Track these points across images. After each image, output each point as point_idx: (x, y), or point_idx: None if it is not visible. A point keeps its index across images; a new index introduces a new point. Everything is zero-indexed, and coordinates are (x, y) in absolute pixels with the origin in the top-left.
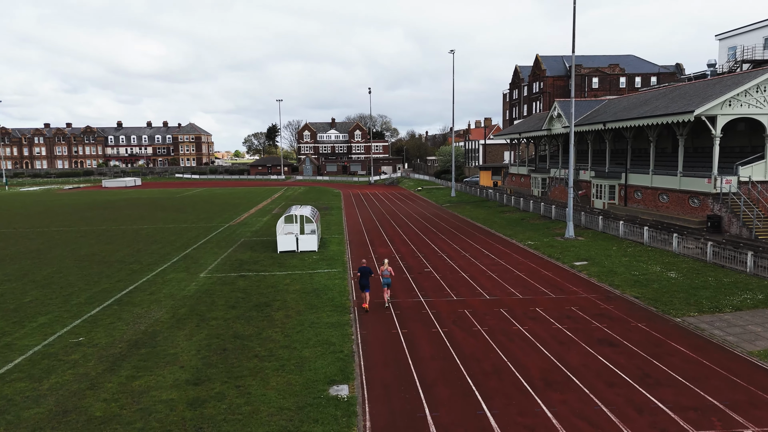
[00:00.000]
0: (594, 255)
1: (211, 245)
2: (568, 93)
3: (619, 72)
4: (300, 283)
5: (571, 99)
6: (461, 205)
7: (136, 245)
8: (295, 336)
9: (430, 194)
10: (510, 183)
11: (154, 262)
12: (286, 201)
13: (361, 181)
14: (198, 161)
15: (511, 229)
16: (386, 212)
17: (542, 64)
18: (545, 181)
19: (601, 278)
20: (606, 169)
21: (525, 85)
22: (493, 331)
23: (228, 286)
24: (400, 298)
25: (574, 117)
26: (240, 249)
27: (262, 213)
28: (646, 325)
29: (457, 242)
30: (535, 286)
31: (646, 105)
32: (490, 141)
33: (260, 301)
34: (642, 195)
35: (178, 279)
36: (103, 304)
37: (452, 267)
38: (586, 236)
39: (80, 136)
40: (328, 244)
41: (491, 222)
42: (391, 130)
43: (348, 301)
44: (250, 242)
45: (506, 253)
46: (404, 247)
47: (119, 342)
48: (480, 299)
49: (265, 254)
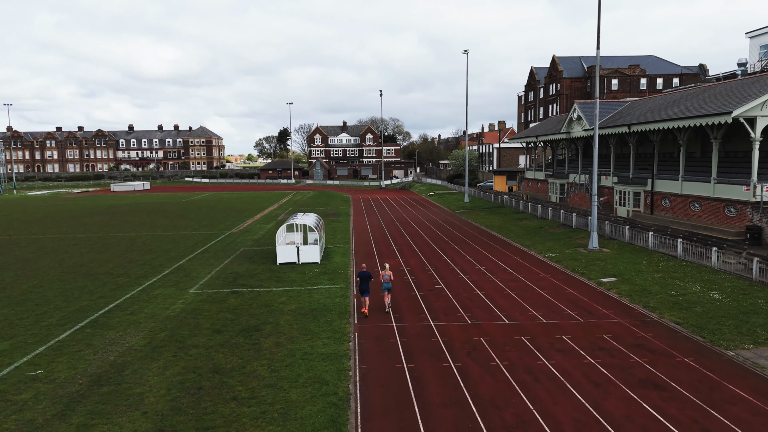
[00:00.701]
0: (623, 270)
1: (207, 255)
2: (587, 95)
3: (640, 73)
4: (297, 301)
5: (595, 99)
6: (475, 212)
7: (129, 255)
8: (284, 371)
9: (443, 199)
10: (526, 188)
11: (143, 275)
12: (294, 206)
13: (371, 185)
14: (209, 165)
15: (529, 238)
16: (396, 219)
17: (559, 65)
18: (563, 186)
19: (633, 298)
20: (630, 174)
21: (541, 87)
22: (515, 367)
23: (217, 304)
24: (407, 322)
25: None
26: (238, 260)
27: (266, 219)
28: (694, 360)
29: (471, 253)
30: (559, 308)
31: (675, 106)
32: (505, 144)
33: (250, 324)
34: (671, 203)
35: (164, 295)
36: (76, 326)
37: (466, 283)
38: (611, 248)
39: (92, 140)
40: (332, 255)
41: (507, 230)
42: (403, 134)
43: (348, 326)
44: (249, 252)
45: (525, 267)
46: (414, 259)
47: (81, 377)
48: (498, 324)
49: (263, 266)
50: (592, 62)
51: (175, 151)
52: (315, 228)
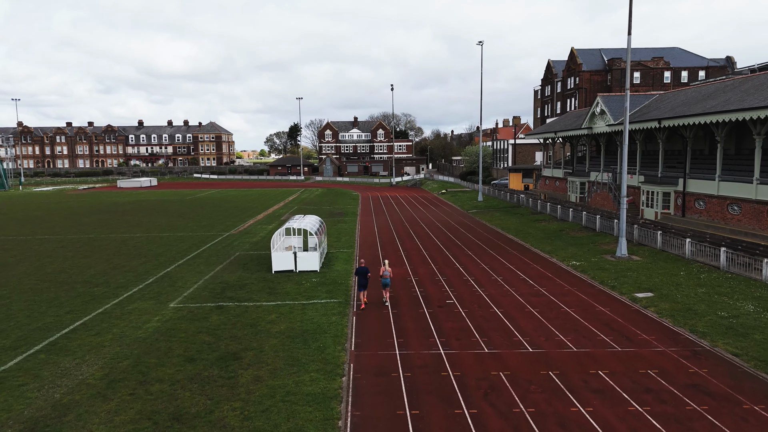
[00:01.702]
0: (659, 283)
1: (199, 261)
2: (607, 89)
3: (664, 66)
4: (288, 320)
5: (626, 91)
6: (489, 212)
7: (116, 259)
8: (258, 419)
9: (455, 198)
10: (543, 187)
11: (124, 284)
12: (300, 205)
13: (382, 182)
14: (218, 161)
15: (549, 243)
16: (406, 219)
17: (578, 58)
18: (584, 185)
19: (677, 320)
20: (659, 173)
21: (558, 81)
22: (544, 417)
23: (197, 323)
24: (413, 348)
25: (618, 114)
26: (231, 266)
27: (270, 219)
28: (766, 409)
29: (486, 260)
30: (591, 331)
31: (711, 99)
32: (521, 141)
33: (229, 349)
34: (705, 204)
35: (140, 311)
36: (30, 349)
37: (481, 297)
38: (642, 255)
39: (101, 135)
40: (333, 262)
41: (525, 234)
42: (415, 129)
43: (343, 354)
44: (244, 258)
45: (547, 277)
46: (423, 267)
47: (13, 424)
48: (520, 353)
49: (257, 274)
50: (612, 55)
51: (185, 146)
52: (315, 232)
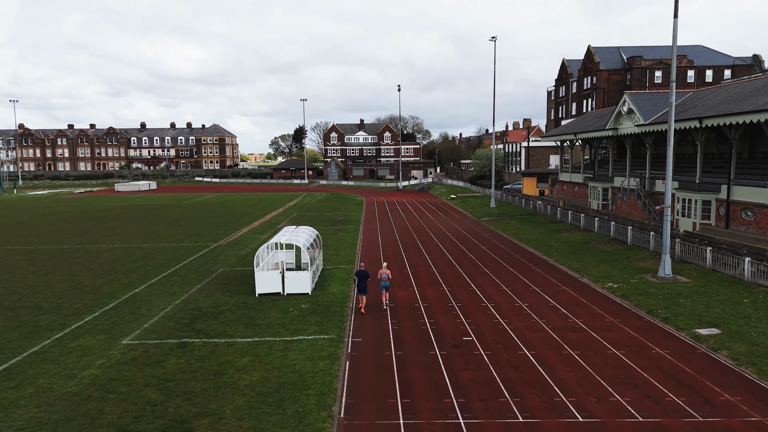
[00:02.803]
0: (722, 315)
1: (175, 280)
2: (625, 89)
3: (687, 64)
4: (263, 365)
5: (671, 84)
6: (504, 220)
7: (81, 277)
8: None
9: (466, 204)
10: (560, 192)
11: (78, 311)
12: (300, 211)
13: (388, 186)
14: (221, 164)
15: (576, 258)
16: (413, 228)
17: (595, 56)
18: (607, 191)
19: (761, 370)
20: (696, 178)
21: (574, 81)
22: None
23: (149, 369)
24: (421, 415)
25: (648, 114)
26: (209, 287)
27: (265, 227)
28: None
29: (506, 280)
30: (654, 387)
31: (762, 95)
32: (535, 143)
33: (178, 415)
34: (755, 215)
35: (83, 350)
36: None
37: (505, 332)
38: (688, 275)
39: (103, 138)
40: (329, 281)
41: (547, 247)
42: (422, 132)
43: (328, 424)
44: (228, 275)
45: (581, 305)
46: (433, 289)
47: None
48: (566, 424)
49: (237, 297)
50: (631, 53)
51: (188, 149)
52: (308, 247)
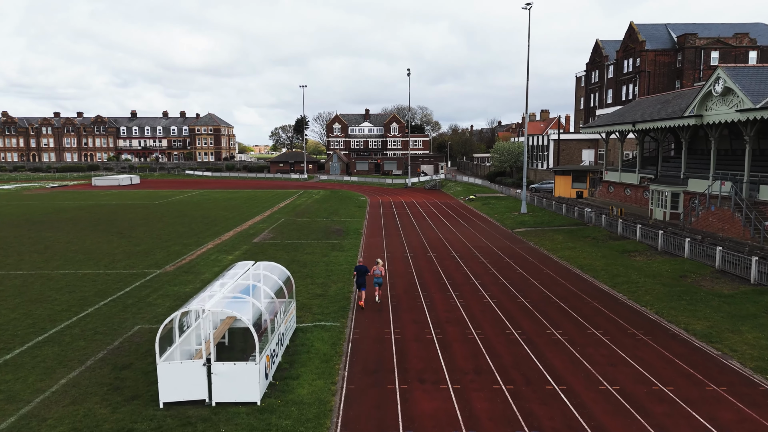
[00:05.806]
0: None
1: (49, 352)
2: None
3: (749, 44)
4: None
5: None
6: (545, 233)
7: None
8: None
9: (489, 208)
10: (605, 195)
11: None
12: (289, 216)
13: (395, 183)
14: (216, 156)
15: (691, 311)
16: (430, 245)
17: (639, 35)
18: (677, 197)
19: None
20: None
21: (610, 64)
22: None
23: None
24: None
25: (757, 95)
26: (91, 376)
27: (237, 241)
28: None
29: (600, 362)
30: None
31: None
32: (565, 136)
33: None
34: None
35: None
36: None
37: None
38: None
39: (90, 127)
40: (302, 361)
41: (627, 282)
42: (432, 124)
43: None
44: (141, 341)
45: (751, 425)
46: (481, 396)
47: None
48: None
49: (124, 411)
50: (682, 30)
51: (181, 140)
52: (259, 316)
